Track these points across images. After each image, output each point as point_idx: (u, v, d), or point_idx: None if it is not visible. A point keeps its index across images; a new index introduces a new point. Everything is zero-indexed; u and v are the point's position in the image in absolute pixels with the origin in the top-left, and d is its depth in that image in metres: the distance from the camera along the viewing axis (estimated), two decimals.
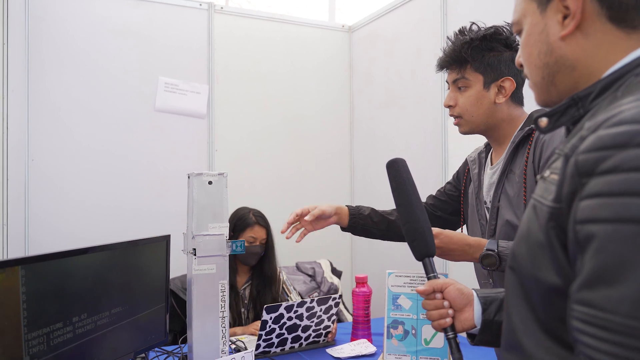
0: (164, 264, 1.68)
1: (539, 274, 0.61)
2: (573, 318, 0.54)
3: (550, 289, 0.59)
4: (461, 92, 1.35)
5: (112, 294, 1.50)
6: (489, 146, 1.47)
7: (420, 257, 1.08)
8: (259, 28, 3.25)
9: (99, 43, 2.78)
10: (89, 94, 2.75)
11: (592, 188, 0.53)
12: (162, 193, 2.90)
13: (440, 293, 1.01)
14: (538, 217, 0.61)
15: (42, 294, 1.22)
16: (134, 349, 1.61)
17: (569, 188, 0.56)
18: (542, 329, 0.61)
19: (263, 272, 2.25)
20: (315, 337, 1.91)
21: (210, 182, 1.60)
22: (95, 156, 2.76)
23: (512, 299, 0.67)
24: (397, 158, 1.18)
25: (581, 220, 0.53)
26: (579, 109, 0.65)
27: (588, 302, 0.52)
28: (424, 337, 1.77)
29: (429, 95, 2.77)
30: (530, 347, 0.62)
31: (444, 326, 0.99)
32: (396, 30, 3.09)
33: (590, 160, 0.53)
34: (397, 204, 1.13)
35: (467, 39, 1.34)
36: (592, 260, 0.52)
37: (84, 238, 2.61)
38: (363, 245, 3.44)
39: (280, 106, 3.31)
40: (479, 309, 0.97)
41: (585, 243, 0.53)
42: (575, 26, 0.65)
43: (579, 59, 0.67)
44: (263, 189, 3.20)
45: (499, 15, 2.30)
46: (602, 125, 0.55)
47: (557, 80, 0.69)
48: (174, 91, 2.98)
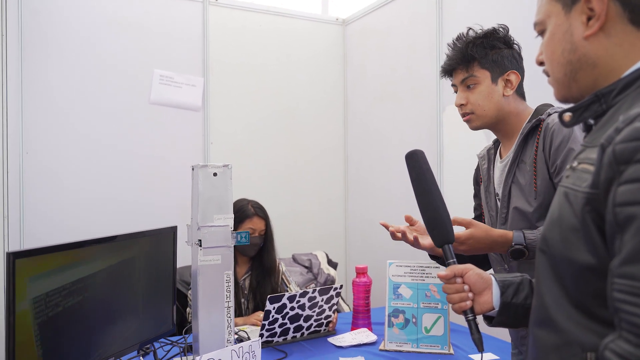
0: (170, 255, 1.70)
1: (572, 255, 0.66)
2: (614, 290, 0.59)
3: (583, 268, 0.65)
4: (471, 90, 1.40)
5: (120, 285, 1.51)
6: (497, 143, 1.53)
7: (440, 244, 1.13)
8: (254, 20, 3.26)
9: (94, 36, 2.76)
10: (83, 86, 2.73)
11: (631, 174, 0.58)
12: (157, 186, 2.90)
13: (460, 277, 1.05)
14: (571, 204, 0.67)
15: (48, 286, 1.22)
16: (141, 340, 1.62)
17: (606, 175, 0.61)
18: (573, 305, 0.67)
19: (262, 263, 2.27)
20: (316, 326, 1.94)
21: (215, 173, 1.61)
22: (90, 149, 2.75)
23: (543, 279, 0.73)
24: (415, 150, 1.22)
25: (621, 203, 0.59)
26: (601, 105, 0.70)
27: (631, 275, 0.57)
28: (425, 326, 1.81)
29: (424, 89, 2.80)
30: (562, 321, 0.68)
31: (464, 309, 1.04)
32: (390, 23, 3.11)
33: (628, 149, 0.59)
34: (417, 194, 1.17)
35: (471, 39, 1.40)
36: (634, 239, 0.57)
37: (79, 231, 2.61)
38: (357, 238, 3.48)
39: (274, 99, 3.32)
40: (498, 292, 1.02)
41: (625, 223, 0.58)
42: (599, 27, 0.70)
43: (600, 57, 0.72)
44: (258, 182, 3.21)
45: (494, 9, 2.34)
46: (638, 118, 0.59)
47: (579, 76, 0.75)
48: (169, 84, 2.97)
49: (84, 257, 1.36)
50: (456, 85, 1.46)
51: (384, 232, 3.27)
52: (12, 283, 1.05)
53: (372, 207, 3.30)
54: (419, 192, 1.16)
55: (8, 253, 1.04)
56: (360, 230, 3.44)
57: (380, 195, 3.21)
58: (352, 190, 3.54)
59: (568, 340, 0.68)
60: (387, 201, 3.13)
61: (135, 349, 1.62)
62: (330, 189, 3.54)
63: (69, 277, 1.30)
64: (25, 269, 1.10)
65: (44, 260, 1.18)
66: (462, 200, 2.53)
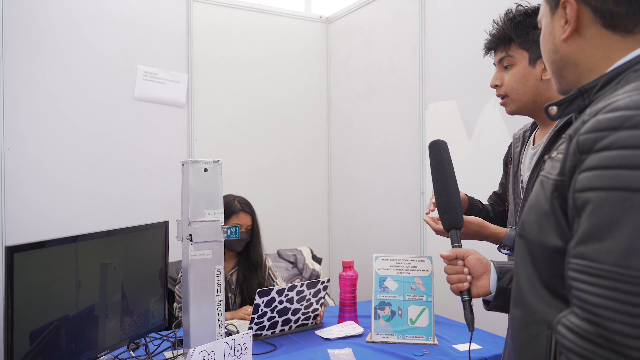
0: (162, 250, 1.71)
1: (544, 238, 0.71)
2: (569, 269, 0.64)
3: (553, 250, 0.70)
4: (507, 71, 1.34)
5: (112, 280, 1.52)
6: (535, 125, 1.46)
7: (448, 228, 1.19)
8: (238, 17, 3.27)
9: (76, 31, 2.73)
10: (66, 82, 2.71)
11: (590, 163, 0.63)
12: (141, 182, 2.90)
13: (461, 260, 1.12)
14: (544, 190, 0.72)
15: (40, 280, 1.23)
16: (133, 334, 1.63)
17: (571, 163, 0.66)
18: (544, 286, 0.72)
19: (249, 258, 2.29)
20: (304, 320, 1.98)
21: (205, 169, 1.63)
22: (74, 145, 2.73)
23: (520, 261, 0.78)
24: (439, 139, 1.26)
25: (579, 189, 0.64)
26: (584, 99, 0.75)
27: (582, 255, 0.62)
28: (410, 317, 1.86)
29: (408, 86, 2.85)
30: (532, 301, 0.73)
31: (461, 289, 1.10)
32: (374, 21, 3.15)
33: (590, 139, 0.64)
34: (434, 180, 1.22)
35: (511, 16, 1.32)
36: (587, 221, 0.62)
37: (63, 226, 2.59)
38: (340, 233, 3.52)
39: (258, 96, 3.34)
40: (495, 277, 1.08)
41: (582, 207, 0.63)
42: (571, 32, 0.76)
43: (580, 58, 0.77)
44: (242, 178, 3.22)
45: (476, 6, 2.40)
46: (601, 111, 0.65)
47: (564, 73, 0.81)
48: (153, 80, 2.96)
49: (76, 252, 1.37)
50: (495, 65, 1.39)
51: (366, 228, 3.34)
52: (10, 277, 1.06)
53: (355, 203, 3.35)
54: (436, 178, 1.22)
55: (7, 247, 1.05)
56: (344, 226, 3.49)
57: (363, 191, 3.26)
58: (336, 187, 3.58)
59: (536, 318, 0.72)
60: (370, 197, 3.18)
61: (126, 344, 1.63)
62: (314, 185, 3.57)
63: (62, 271, 1.31)
64: (24, 263, 1.11)
65: (39, 254, 1.19)
66: None
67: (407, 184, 2.86)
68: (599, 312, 0.59)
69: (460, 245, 1.16)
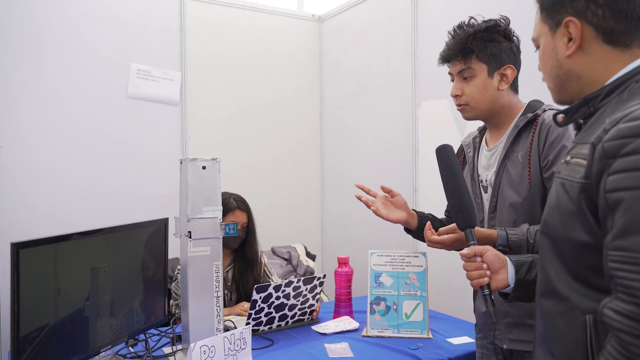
0: (162, 247, 1.72)
1: (570, 235, 0.79)
2: (609, 261, 0.72)
3: (580, 245, 0.78)
4: (467, 82, 1.43)
5: (113, 277, 1.53)
6: (483, 131, 1.58)
7: (463, 227, 1.23)
8: (231, 15, 3.27)
9: (69, 28, 2.73)
10: (59, 80, 2.70)
11: (618, 166, 0.71)
12: (135, 180, 2.90)
13: (479, 257, 1.17)
14: (568, 192, 0.80)
15: (41, 277, 1.24)
16: (133, 330, 1.65)
17: (597, 168, 0.74)
18: (573, 277, 0.80)
19: (245, 255, 2.31)
20: (300, 315, 2.00)
21: (204, 167, 1.65)
22: (67, 143, 2.72)
23: (546, 256, 0.86)
24: (446, 144, 1.33)
25: (610, 189, 0.72)
26: (589, 107, 0.84)
27: (622, 247, 0.70)
28: (405, 312, 1.89)
29: (400, 85, 2.88)
30: (564, 291, 0.81)
31: (482, 284, 1.15)
32: (366, 20, 3.18)
33: (615, 146, 0.72)
34: (444, 183, 1.28)
35: (471, 31, 1.42)
36: (622, 217, 0.70)
37: (57, 225, 2.59)
38: (334, 230, 3.55)
39: (252, 94, 3.35)
40: (512, 270, 1.15)
41: (614, 206, 0.71)
42: (576, 48, 0.85)
43: (583, 71, 0.86)
44: (235, 176, 3.24)
45: (468, 6, 2.43)
46: (621, 121, 0.73)
47: (567, 86, 0.89)
48: (147, 78, 2.96)
49: (76, 249, 1.38)
50: (452, 74, 1.49)
51: (359, 224, 3.37)
52: (16, 273, 1.07)
53: (347, 200, 3.38)
54: (446, 181, 1.28)
55: (12, 243, 1.06)
56: (337, 223, 3.51)
57: (355, 188, 3.28)
58: (329, 184, 3.61)
59: (570, 306, 0.80)
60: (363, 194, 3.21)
61: (125, 340, 1.64)
62: (307, 183, 3.60)
63: (64, 268, 1.32)
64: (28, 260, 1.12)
65: (43, 251, 1.20)
66: (437, 192, 2.63)
67: (400, 181, 2.89)
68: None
69: (475, 242, 1.20)
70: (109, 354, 1.62)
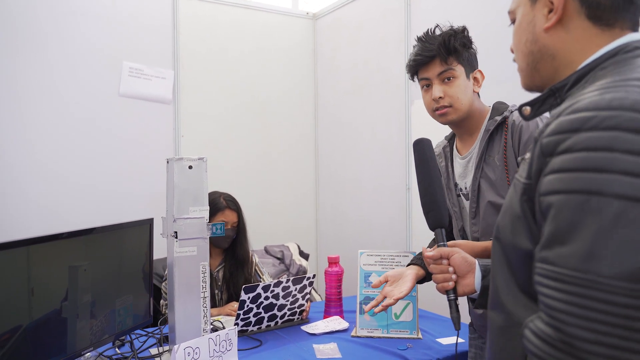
0: (147, 247, 1.71)
1: (517, 241, 0.71)
2: (536, 274, 0.64)
3: (525, 254, 0.69)
4: (448, 84, 1.39)
5: (97, 277, 1.52)
6: (452, 140, 1.55)
7: (433, 227, 1.19)
8: (224, 13, 3.26)
9: (61, 26, 2.71)
10: (50, 78, 2.69)
11: (552, 165, 0.63)
12: (127, 179, 2.89)
13: (446, 259, 1.11)
14: (516, 193, 0.72)
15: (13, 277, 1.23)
16: (117, 331, 1.63)
17: (537, 167, 0.66)
18: (520, 289, 0.71)
19: (235, 255, 2.29)
20: (290, 315, 1.99)
21: (190, 166, 1.63)
22: (58, 142, 2.71)
23: (497, 265, 0.77)
24: (423, 138, 1.26)
25: (543, 192, 0.64)
26: (556, 99, 0.75)
27: (545, 259, 0.62)
28: (394, 312, 1.88)
29: (393, 82, 2.86)
30: (509, 304, 0.73)
31: (447, 288, 1.10)
32: (361, 18, 3.16)
33: (552, 142, 0.63)
34: (418, 179, 1.22)
35: (452, 32, 1.39)
36: (550, 225, 0.62)
37: (46, 223, 2.58)
38: (328, 229, 3.53)
39: (245, 92, 3.34)
40: (479, 275, 1.08)
41: (546, 211, 0.63)
42: (557, 20, 0.75)
43: (558, 49, 0.76)
44: (229, 174, 3.22)
45: (460, 5, 2.42)
46: (563, 113, 0.64)
47: (540, 66, 0.79)
48: (139, 76, 2.95)
49: (60, 249, 1.37)
50: (428, 79, 1.42)
51: (354, 223, 3.35)
52: None
53: (342, 199, 3.37)
54: (420, 177, 1.22)
55: None
56: (331, 222, 3.50)
57: (350, 187, 3.28)
58: (323, 183, 3.59)
59: (513, 321, 0.71)
60: (357, 193, 3.20)
61: (111, 341, 1.63)
62: (301, 182, 3.58)
63: (46, 268, 1.31)
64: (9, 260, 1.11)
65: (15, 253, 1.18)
66: None
67: (393, 179, 2.88)
68: (560, 317, 0.59)
69: (445, 244, 1.16)
70: (93, 356, 1.61)
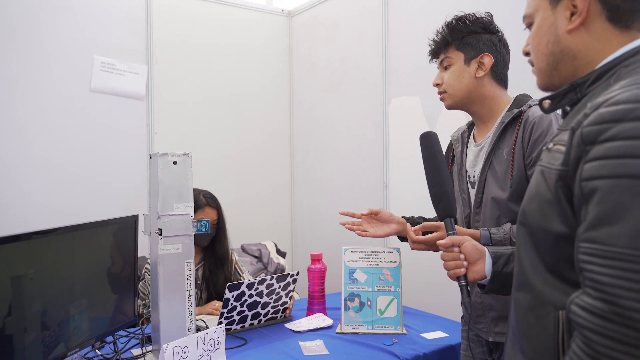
0: (131, 245, 1.66)
1: (547, 225, 0.75)
2: (580, 253, 0.68)
3: (556, 236, 0.74)
4: (447, 71, 1.48)
5: (80, 276, 1.47)
6: (472, 126, 1.59)
7: (443, 217, 1.22)
8: (199, 7, 3.20)
9: (30, 19, 2.61)
10: (20, 73, 2.58)
11: (595, 153, 0.67)
12: (100, 176, 2.80)
13: (457, 247, 1.15)
14: (546, 180, 0.76)
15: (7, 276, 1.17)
16: (101, 331, 1.58)
17: (575, 154, 0.70)
18: (548, 270, 0.76)
19: (215, 253, 2.26)
20: (273, 313, 1.97)
21: (175, 162, 1.60)
22: (28, 139, 2.60)
23: (523, 247, 0.82)
24: (430, 131, 1.30)
25: (586, 177, 0.68)
26: (577, 93, 0.80)
27: (593, 239, 0.66)
28: (379, 308, 1.89)
29: (371, 81, 2.88)
30: (538, 284, 0.77)
31: (459, 275, 1.14)
32: (337, 16, 3.16)
33: (594, 131, 0.68)
34: (426, 171, 1.26)
35: (452, 24, 1.47)
36: (596, 208, 0.66)
37: (19, 221, 2.48)
38: (304, 226, 3.53)
39: (220, 88, 3.29)
40: (490, 262, 1.13)
41: (589, 195, 0.67)
42: (580, 22, 0.80)
43: (580, 50, 0.81)
44: (204, 172, 3.14)
45: (438, 4, 2.45)
46: (602, 105, 0.69)
47: (560, 67, 0.84)
48: (111, 71, 2.87)
49: (42, 247, 1.31)
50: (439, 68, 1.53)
51: (329, 221, 3.35)
52: None
53: (318, 197, 3.36)
54: (428, 170, 1.26)
55: None
56: (307, 219, 3.49)
57: (326, 185, 3.28)
58: (299, 180, 3.58)
59: (543, 300, 0.76)
60: (333, 190, 3.20)
61: (91, 343, 1.58)
62: (276, 179, 3.56)
63: (26, 266, 1.25)
64: None
65: (4, 250, 1.13)
66: (407, 188, 2.64)
67: (370, 177, 2.89)
68: (612, 291, 0.63)
69: (455, 232, 1.19)
70: (76, 358, 1.55)
